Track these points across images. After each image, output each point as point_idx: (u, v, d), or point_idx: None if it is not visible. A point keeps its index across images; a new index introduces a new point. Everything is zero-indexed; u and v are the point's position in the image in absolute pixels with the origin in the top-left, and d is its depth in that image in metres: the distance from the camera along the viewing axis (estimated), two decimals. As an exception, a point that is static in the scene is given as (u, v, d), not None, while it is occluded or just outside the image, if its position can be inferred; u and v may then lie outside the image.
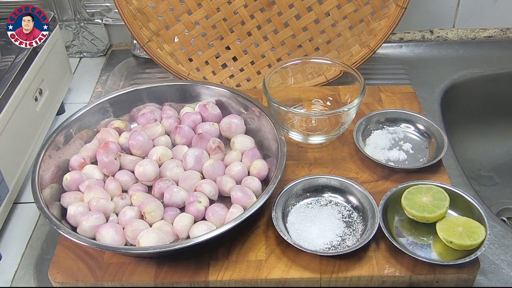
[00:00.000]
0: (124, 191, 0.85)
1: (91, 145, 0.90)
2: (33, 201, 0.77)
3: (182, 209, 0.81)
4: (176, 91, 0.98)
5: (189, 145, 0.91)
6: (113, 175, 0.86)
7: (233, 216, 0.76)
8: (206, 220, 0.79)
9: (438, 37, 1.28)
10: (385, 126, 0.97)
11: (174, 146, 0.92)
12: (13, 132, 0.88)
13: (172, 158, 0.88)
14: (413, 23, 1.26)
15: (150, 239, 0.73)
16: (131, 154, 0.89)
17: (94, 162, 0.89)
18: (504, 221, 0.84)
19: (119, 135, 0.92)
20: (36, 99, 0.97)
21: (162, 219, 0.79)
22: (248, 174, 0.86)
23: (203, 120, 0.95)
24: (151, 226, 0.77)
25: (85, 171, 0.86)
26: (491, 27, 1.27)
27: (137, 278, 0.73)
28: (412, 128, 0.96)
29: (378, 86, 1.07)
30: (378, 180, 0.87)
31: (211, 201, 0.82)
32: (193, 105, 0.97)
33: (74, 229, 0.77)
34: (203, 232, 0.74)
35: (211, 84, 0.98)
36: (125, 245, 0.76)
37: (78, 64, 1.27)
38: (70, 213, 0.78)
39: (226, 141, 0.93)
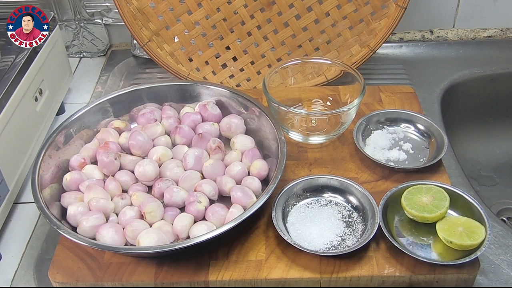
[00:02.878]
0: (124, 191, 0.85)
1: (91, 145, 0.90)
2: (33, 201, 0.77)
3: (182, 209, 0.81)
4: (176, 91, 0.98)
5: (189, 145, 0.91)
6: (113, 175, 0.86)
7: (233, 216, 0.76)
8: (206, 220, 0.79)
9: (438, 37, 1.28)
10: (385, 126, 0.97)
11: (174, 146, 0.92)
12: (13, 132, 0.88)
13: (172, 158, 0.88)
14: (413, 23, 1.26)
15: (150, 239, 0.73)
16: (131, 154, 0.89)
17: (94, 162, 0.89)
18: (504, 221, 0.84)
19: (119, 135, 0.92)
20: (36, 99, 0.97)
21: (162, 219, 0.79)
22: (248, 174, 0.86)
23: (203, 120, 0.95)
24: (151, 226, 0.77)
25: (85, 171, 0.86)
26: (491, 27, 1.27)
27: (137, 278, 0.73)
28: (412, 128, 0.96)
29: (378, 86, 1.07)
30: (378, 180, 0.87)
31: (211, 201, 0.82)
32: (193, 105, 0.97)
33: (74, 229, 0.77)
34: (203, 232, 0.74)
35: (211, 84, 0.98)
36: (125, 245, 0.76)
37: (78, 64, 1.27)
38: (70, 213, 0.79)
39: (226, 141, 0.93)
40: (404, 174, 0.88)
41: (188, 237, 0.77)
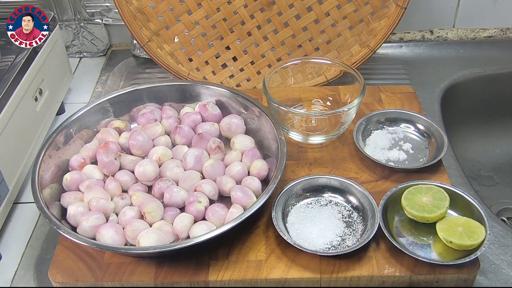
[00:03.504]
0: (124, 191, 0.85)
1: (91, 145, 0.90)
2: (33, 201, 0.77)
3: (182, 209, 0.81)
4: (176, 91, 0.98)
5: (189, 145, 0.91)
6: (113, 175, 0.86)
7: (233, 216, 0.76)
8: (206, 220, 0.79)
9: (438, 37, 1.28)
10: (385, 126, 0.97)
11: (174, 146, 0.92)
12: (13, 132, 0.88)
13: (172, 158, 0.88)
14: (413, 23, 1.26)
15: (150, 239, 0.73)
16: (131, 154, 0.89)
17: (94, 162, 0.88)
18: (504, 221, 0.84)
19: (119, 135, 0.92)
20: (36, 99, 0.97)
21: (162, 219, 0.79)
22: (248, 174, 0.86)
23: (203, 120, 0.95)
24: (151, 226, 0.77)
25: (85, 171, 0.86)
26: (491, 27, 1.27)
27: (137, 278, 0.73)
28: (412, 128, 0.96)
29: (378, 86, 1.07)
30: (378, 180, 0.87)
31: (211, 201, 0.82)
32: (193, 105, 0.97)
33: (74, 229, 0.77)
34: (203, 232, 0.74)
35: (211, 84, 0.98)
36: (125, 245, 0.76)
37: (78, 64, 1.27)
38: (70, 213, 0.79)
39: (226, 141, 0.93)
40: (404, 174, 0.88)
41: (188, 237, 0.77)
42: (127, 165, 0.87)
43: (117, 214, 0.80)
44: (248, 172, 0.86)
